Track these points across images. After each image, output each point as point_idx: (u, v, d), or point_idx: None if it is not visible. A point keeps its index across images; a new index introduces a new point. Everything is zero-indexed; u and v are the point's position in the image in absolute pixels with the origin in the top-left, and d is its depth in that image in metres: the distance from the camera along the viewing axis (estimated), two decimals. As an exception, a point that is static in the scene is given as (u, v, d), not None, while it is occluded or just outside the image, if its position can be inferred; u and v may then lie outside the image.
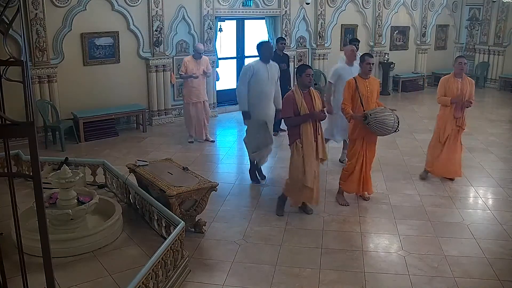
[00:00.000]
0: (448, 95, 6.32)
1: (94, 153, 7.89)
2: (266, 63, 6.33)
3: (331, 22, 12.19)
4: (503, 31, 13.79)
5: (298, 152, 5.34)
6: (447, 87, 6.34)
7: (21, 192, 5.50)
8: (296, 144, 5.34)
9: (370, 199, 6.04)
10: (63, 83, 8.55)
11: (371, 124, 5.48)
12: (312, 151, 5.34)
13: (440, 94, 6.42)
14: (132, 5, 9.09)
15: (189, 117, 8.51)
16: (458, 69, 6.31)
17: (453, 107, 6.33)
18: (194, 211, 5.06)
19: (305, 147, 5.31)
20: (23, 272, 2.76)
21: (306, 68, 5.40)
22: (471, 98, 6.35)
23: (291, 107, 5.28)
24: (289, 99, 5.33)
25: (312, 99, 5.36)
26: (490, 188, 6.62)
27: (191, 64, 8.30)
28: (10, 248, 4.01)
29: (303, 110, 5.26)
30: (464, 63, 6.32)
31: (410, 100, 12.74)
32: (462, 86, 6.30)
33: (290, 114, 5.30)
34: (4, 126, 2.18)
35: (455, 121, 6.41)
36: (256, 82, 6.29)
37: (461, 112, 6.38)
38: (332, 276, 4.38)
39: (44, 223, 2.25)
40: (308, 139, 5.30)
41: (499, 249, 4.89)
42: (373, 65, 5.76)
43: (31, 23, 8.02)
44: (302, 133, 5.30)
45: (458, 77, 6.34)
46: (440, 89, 6.43)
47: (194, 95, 8.40)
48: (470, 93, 6.34)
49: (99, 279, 4.11)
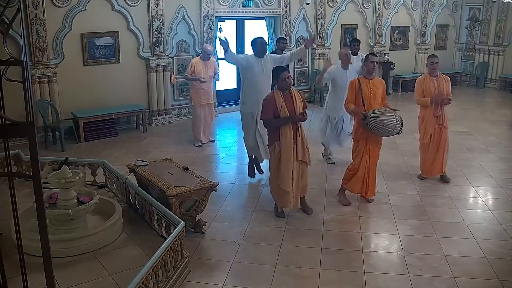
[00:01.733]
0: (426, 95, 6.39)
1: (94, 153, 7.89)
2: (260, 58, 6.37)
3: (331, 22, 12.19)
4: (503, 31, 13.79)
5: (275, 154, 5.34)
6: (424, 87, 6.41)
7: (21, 192, 5.49)
8: (275, 147, 5.32)
9: (373, 201, 6.03)
10: (63, 83, 8.55)
11: (370, 124, 5.48)
12: (290, 153, 5.29)
13: (418, 95, 6.48)
14: (132, 5, 9.09)
15: (198, 120, 8.39)
16: (431, 68, 6.39)
17: (432, 106, 6.38)
18: (194, 211, 5.06)
19: (283, 149, 5.28)
20: (23, 272, 2.76)
21: (282, 71, 5.36)
22: (449, 95, 6.41)
23: (271, 109, 5.25)
24: (269, 101, 5.30)
25: (294, 100, 5.33)
26: (490, 188, 6.62)
27: (199, 66, 8.23)
28: (10, 248, 4.01)
29: (283, 113, 5.23)
30: (436, 62, 6.38)
31: (410, 100, 12.64)
32: (438, 84, 6.37)
33: (270, 116, 5.28)
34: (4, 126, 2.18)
35: (436, 120, 6.45)
36: (250, 76, 6.35)
37: (441, 110, 6.43)
38: (332, 276, 4.38)
39: (44, 223, 2.25)
40: (287, 141, 5.27)
41: (499, 249, 4.89)
42: (377, 63, 5.77)
43: (31, 23, 8.02)
44: (281, 136, 5.27)
45: (433, 76, 6.41)
46: (417, 90, 6.48)
47: (203, 97, 8.33)
48: (447, 90, 6.41)
49: (99, 279, 4.11)
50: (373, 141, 5.76)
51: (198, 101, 8.32)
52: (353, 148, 5.93)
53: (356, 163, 5.82)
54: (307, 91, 12.19)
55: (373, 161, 5.82)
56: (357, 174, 5.81)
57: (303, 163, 5.43)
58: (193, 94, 8.38)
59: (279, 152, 5.30)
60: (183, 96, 10.09)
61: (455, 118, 10.08)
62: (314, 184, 6.52)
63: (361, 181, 5.82)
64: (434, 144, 6.53)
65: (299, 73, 11.95)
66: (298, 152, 5.33)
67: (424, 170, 6.77)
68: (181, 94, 10.14)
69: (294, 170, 5.34)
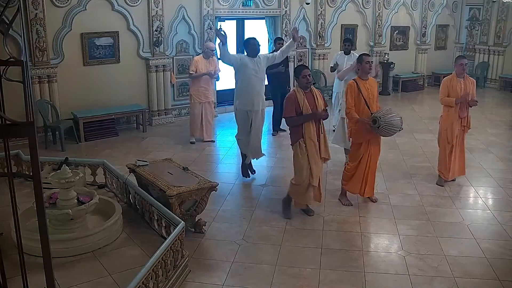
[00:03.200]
0: (452, 95, 6.29)
1: (94, 153, 7.89)
2: (253, 57, 6.39)
3: (331, 22, 12.19)
4: (503, 31, 13.78)
5: (302, 152, 5.32)
6: (450, 87, 6.31)
7: (21, 192, 5.50)
8: (300, 144, 5.32)
9: (377, 200, 6.02)
10: (63, 83, 8.55)
11: (381, 126, 5.42)
12: (316, 150, 5.34)
13: (443, 95, 6.37)
14: (132, 5, 9.09)
15: (195, 117, 8.44)
16: (460, 69, 6.29)
17: (457, 107, 6.29)
18: (194, 211, 5.06)
19: (308, 146, 5.30)
20: (23, 272, 2.76)
21: (303, 69, 5.37)
22: (474, 97, 6.36)
23: (293, 107, 5.27)
24: (291, 99, 5.33)
25: (315, 98, 5.35)
26: (490, 188, 6.62)
27: (201, 63, 8.27)
28: (10, 248, 4.02)
29: (305, 110, 5.25)
30: (465, 64, 6.33)
31: (410, 100, 12.74)
32: (465, 86, 6.30)
33: (292, 114, 5.29)
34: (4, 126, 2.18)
35: (461, 121, 6.39)
36: (244, 76, 6.37)
37: (466, 112, 6.38)
38: (332, 276, 4.38)
39: (44, 223, 2.25)
40: (311, 138, 5.30)
41: (499, 249, 4.89)
42: (373, 63, 5.72)
43: (31, 23, 8.02)
44: (305, 133, 5.29)
45: (460, 77, 6.33)
46: (443, 90, 6.38)
47: (203, 95, 8.37)
48: (472, 92, 6.35)
49: (99, 279, 4.11)
50: (374, 142, 5.75)
51: (197, 99, 8.35)
52: (352, 150, 5.89)
53: (354, 164, 5.81)
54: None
55: (373, 162, 5.81)
56: (356, 174, 5.80)
57: (324, 159, 5.52)
58: (193, 92, 8.41)
59: (306, 149, 5.31)
60: (183, 96, 10.09)
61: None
62: (314, 184, 6.53)
63: (360, 181, 5.81)
64: (460, 146, 6.47)
65: (299, 73, 11.94)
66: (322, 149, 5.39)
67: (450, 173, 6.51)
68: (181, 94, 10.14)
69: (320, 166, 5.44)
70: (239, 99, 6.51)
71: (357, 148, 5.77)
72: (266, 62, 6.51)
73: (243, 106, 6.49)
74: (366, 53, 5.88)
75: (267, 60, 6.54)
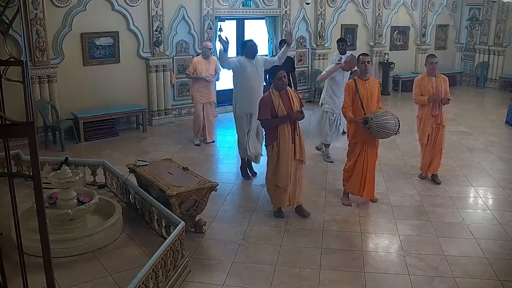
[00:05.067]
0: (424, 94, 6.40)
1: (94, 153, 7.89)
2: (251, 59, 6.41)
3: (331, 22, 12.19)
4: (503, 31, 13.78)
5: (273, 154, 5.34)
6: (422, 86, 6.42)
7: (21, 192, 5.49)
8: (273, 146, 5.32)
9: (377, 200, 6.02)
10: (63, 83, 8.55)
11: (372, 128, 5.46)
12: (289, 152, 5.31)
13: (416, 94, 6.48)
14: (132, 5, 9.09)
15: (198, 119, 8.43)
16: (431, 68, 6.40)
17: (430, 105, 6.39)
18: (194, 211, 5.06)
19: (282, 148, 5.29)
20: (23, 272, 2.76)
21: (278, 71, 5.34)
22: (447, 95, 6.42)
23: (268, 109, 5.26)
24: (265, 101, 5.31)
25: (290, 99, 5.33)
26: (490, 188, 6.62)
27: (201, 64, 8.27)
28: (10, 248, 4.01)
29: (280, 112, 5.24)
30: (436, 62, 6.40)
31: (410, 100, 12.63)
32: (436, 84, 6.38)
33: (267, 116, 5.28)
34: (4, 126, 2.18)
35: (434, 119, 6.45)
36: (243, 78, 6.40)
37: (439, 110, 6.44)
38: (332, 276, 4.38)
39: (44, 223, 2.25)
40: (285, 140, 5.28)
41: (499, 249, 4.89)
42: (369, 63, 5.72)
43: (31, 23, 8.02)
44: (279, 135, 5.28)
45: (431, 75, 6.43)
46: (415, 89, 6.49)
47: (204, 96, 8.37)
48: (445, 90, 6.42)
49: (99, 279, 4.11)
50: (370, 143, 5.74)
51: (199, 100, 8.36)
52: (349, 150, 5.91)
53: (351, 164, 5.82)
54: (307, 91, 12.20)
55: (371, 163, 5.80)
56: (354, 175, 5.81)
57: (300, 161, 5.46)
58: (194, 92, 8.42)
59: (278, 152, 5.31)
60: (183, 96, 10.10)
61: (455, 118, 10.09)
62: (314, 184, 6.53)
63: (358, 182, 5.81)
64: (432, 143, 6.54)
65: (299, 73, 11.93)
66: (296, 151, 5.36)
67: (422, 169, 6.80)
68: (181, 94, 10.14)
69: (292, 168, 5.36)
70: (239, 102, 6.50)
71: (353, 147, 5.81)
72: (264, 65, 6.54)
73: (242, 109, 6.49)
74: (364, 53, 5.88)
75: (265, 62, 6.58)
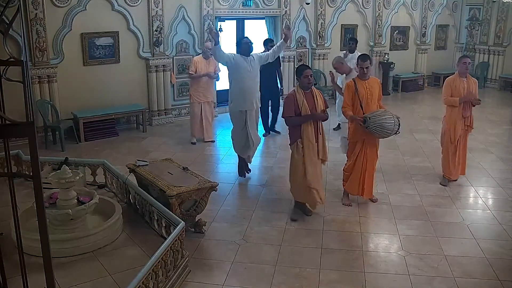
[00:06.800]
0: (455, 95, 6.28)
1: (94, 153, 7.89)
2: (246, 57, 6.40)
3: (331, 22, 12.19)
4: (503, 31, 13.78)
5: (299, 152, 5.33)
6: (453, 87, 6.31)
7: (21, 192, 5.50)
8: (297, 144, 5.32)
9: (377, 200, 6.02)
10: (63, 83, 8.55)
11: (370, 127, 5.46)
12: (314, 151, 5.33)
13: (446, 94, 6.36)
14: (132, 5, 9.09)
15: (195, 117, 8.46)
16: (464, 68, 6.28)
17: (460, 107, 6.29)
18: (194, 211, 5.06)
19: (306, 147, 5.29)
20: (23, 272, 2.76)
21: (305, 69, 5.35)
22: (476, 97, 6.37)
23: (292, 107, 5.26)
24: (290, 99, 5.32)
25: (314, 99, 5.34)
26: (490, 188, 6.62)
27: (201, 64, 8.28)
28: (10, 248, 4.01)
29: (304, 110, 5.24)
30: (469, 63, 6.34)
31: (410, 100, 12.73)
32: (468, 85, 6.31)
33: (291, 114, 5.29)
34: (4, 126, 2.18)
35: (464, 121, 6.39)
36: (237, 75, 6.38)
37: (470, 111, 6.38)
38: (332, 276, 4.38)
39: (44, 223, 2.25)
40: (309, 139, 5.29)
41: (499, 249, 4.89)
42: (367, 68, 5.63)
43: (31, 23, 8.01)
44: (303, 134, 5.29)
45: (463, 76, 6.33)
46: (446, 90, 6.37)
47: (202, 95, 8.39)
48: (475, 91, 6.36)
49: (99, 279, 4.11)
50: (370, 143, 5.74)
51: (197, 99, 8.37)
52: (349, 149, 5.91)
53: (350, 163, 5.82)
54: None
55: (370, 163, 5.79)
56: (353, 175, 5.81)
57: (322, 161, 5.50)
58: (193, 92, 8.43)
59: (303, 150, 5.30)
60: (183, 96, 10.09)
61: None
62: (314, 184, 6.53)
63: (357, 182, 5.81)
64: (462, 145, 6.47)
65: (299, 73, 11.93)
66: (319, 151, 5.37)
67: (453, 173, 6.53)
68: (181, 94, 10.14)
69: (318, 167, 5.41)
70: (234, 99, 6.50)
71: (353, 146, 5.81)
72: (259, 61, 6.51)
73: (237, 107, 6.49)
74: (363, 56, 5.82)
75: (260, 59, 6.55)
